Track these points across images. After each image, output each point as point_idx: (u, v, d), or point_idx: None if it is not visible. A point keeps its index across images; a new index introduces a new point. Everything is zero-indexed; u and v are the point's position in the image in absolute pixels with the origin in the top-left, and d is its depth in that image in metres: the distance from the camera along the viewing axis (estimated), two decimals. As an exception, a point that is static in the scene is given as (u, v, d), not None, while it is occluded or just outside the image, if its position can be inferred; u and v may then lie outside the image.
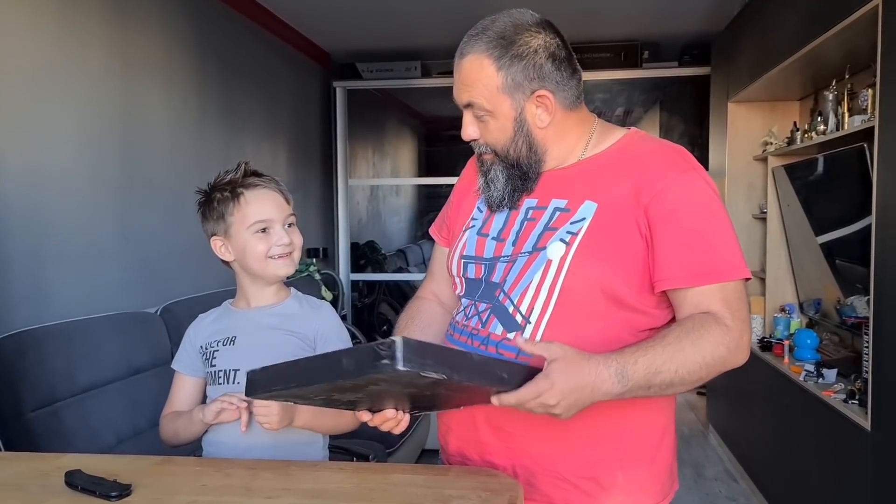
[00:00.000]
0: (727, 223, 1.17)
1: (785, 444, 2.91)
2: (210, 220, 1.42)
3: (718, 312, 1.12)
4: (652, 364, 1.06)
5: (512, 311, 1.19)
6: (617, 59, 4.77)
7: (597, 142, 1.26)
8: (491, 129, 1.21)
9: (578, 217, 1.18)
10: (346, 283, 5.03)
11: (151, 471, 1.09)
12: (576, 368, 1.02)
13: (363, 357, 0.88)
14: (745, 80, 3.45)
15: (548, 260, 1.17)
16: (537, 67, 1.17)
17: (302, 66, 4.68)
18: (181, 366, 1.48)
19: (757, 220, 3.75)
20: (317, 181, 4.95)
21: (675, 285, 1.14)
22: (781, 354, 3.00)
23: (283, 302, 1.46)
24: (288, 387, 0.99)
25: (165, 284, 2.94)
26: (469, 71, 1.18)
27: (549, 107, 1.20)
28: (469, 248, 1.30)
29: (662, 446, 1.27)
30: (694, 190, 1.15)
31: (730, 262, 1.14)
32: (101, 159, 2.62)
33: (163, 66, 3.03)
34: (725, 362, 1.12)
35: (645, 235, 1.14)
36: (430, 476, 1.04)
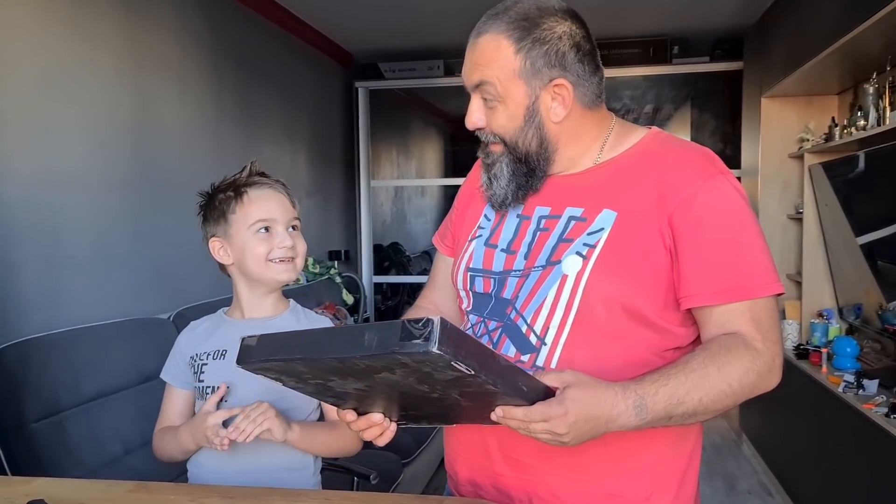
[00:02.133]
0: (758, 233, 1.06)
1: (823, 457, 2.76)
2: (210, 220, 1.35)
3: (747, 334, 1.02)
4: (674, 395, 0.96)
5: (525, 330, 1.09)
6: (645, 55, 4.63)
7: (614, 143, 1.15)
8: (499, 116, 1.11)
9: (596, 227, 1.08)
10: (369, 285, 4.96)
11: (123, 499, 1.01)
12: (592, 397, 0.92)
13: (391, 333, 0.78)
14: (779, 74, 3.30)
15: (563, 275, 1.07)
16: (560, 55, 1.07)
17: (323, 67, 4.62)
18: (170, 377, 1.41)
19: (792, 221, 3.59)
20: (339, 183, 4.89)
21: (702, 302, 1.03)
22: (819, 363, 2.85)
23: (279, 315, 1.37)
24: (290, 358, 0.89)
25: (179, 289, 2.89)
26: (485, 50, 1.09)
27: (566, 99, 1.09)
28: (476, 259, 1.20)
29: (688, 473, 1.16)
30: (722, 197, 1.05)
31: (760, 278, 1.03)
32: (113, 162, 2.58)
33: (176, 68, 2.98)
34: (755, 389, 1.02)
35: (669, 247, 1.04)
36: (430, 506, 0.95)
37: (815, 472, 2.87)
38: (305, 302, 4.13)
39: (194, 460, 1.30)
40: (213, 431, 1.19)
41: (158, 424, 1.39)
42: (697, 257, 1.03)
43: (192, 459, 1.31)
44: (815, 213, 3.29)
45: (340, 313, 3.98)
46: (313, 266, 4.17)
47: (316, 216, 4.51)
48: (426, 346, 0.76)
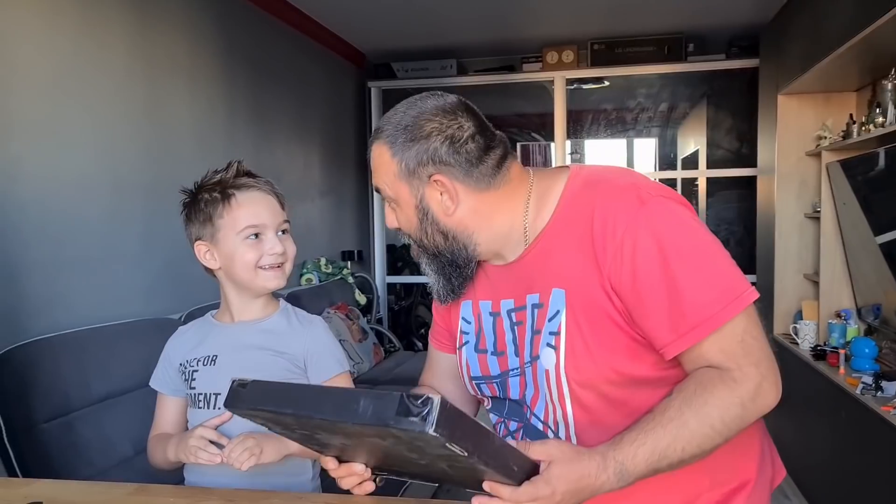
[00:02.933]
0: (700, 254, 1.01)
1: (840, 460, 2.71)
2: (195, 222, 1.31)
3: (721, 365, 0.98)
4: (654, 452, 0.94)
5: (542, 427, 1.11)
6: (660, 53, 4.58)
7: (538, 208, 1.12)
8: (400, 218, 1.15)
9: (552, 311, 1.07)
10: (382, 285, 4.95)
11: (122, 501, 1.00)
12: (576, 472, 0.92)
13: (388, 405, 0.77)
14: (795, 71, 3.24)
15: (545, 370, 1.07)
16: (431, 152, 1.07)
17: (335, 67, 4.61)
18: (160, 385, 1.39)
19: (809, 220, 3.53)
20: (351, 183, 4.89)
21: (677, 350, 1.00)
22: (836, 364, 2.80)
23: (269, 317, 1.35)
24: (279, 412, 0.88)
25: (190, 290, 2.89)
26: (374, 158, 1.13)
27: (450, 191, 1.09)
28: (473, 368, 1.21)
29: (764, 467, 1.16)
30: (647, 237, 1.00)
31: (713, 304, 0.98)
32: (124, 163, 2.58)
33: (188, 68, 2.99)
34: (743, 420, 0.98)
35: (620, 309, 1.02)
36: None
37: (832, 475, 2.81)
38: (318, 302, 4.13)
39: (190, 467, 1.29)
40: (200, 444, 1.18)
41: (152, 432, 1.38)
42: (647, 311, 1.00)
43: (187, 466, 1.29)
44: (832, 212, 3.23)
45: (353, 314, 3.98)
46: (326, 266, 4.16)
47: (329, 216, 4.51)
48: (423, 426, 0.75)
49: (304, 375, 1.32)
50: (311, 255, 4.14)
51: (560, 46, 4.65)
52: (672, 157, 6.07)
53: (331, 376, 1.32)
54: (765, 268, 3.83)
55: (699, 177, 5.24)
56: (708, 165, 5.13)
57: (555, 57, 4.66)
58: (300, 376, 1.31)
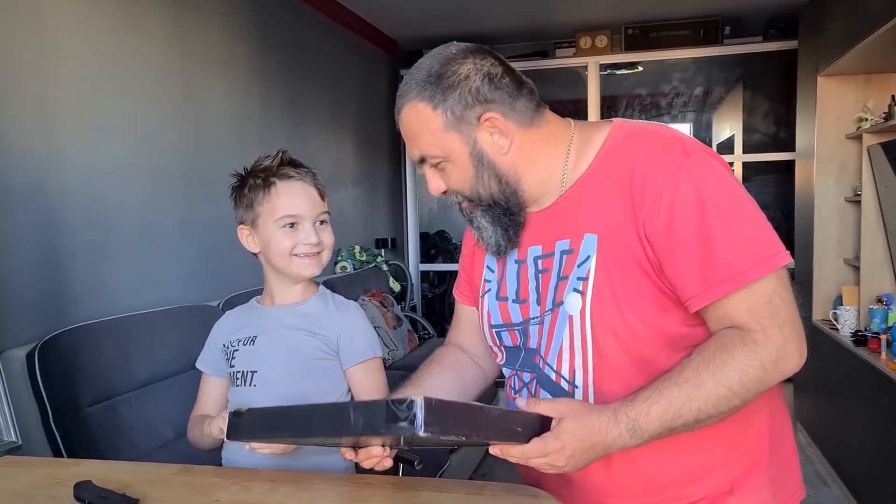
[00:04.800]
0: (738, 210, 1.00)
1: (882, 447, 2.66)
2: (240, 206, 1.36)
3: (745, 326, 0.97)
4: (668, 410, 0.94)
5: (555, 377, 1.09)
6: (696, 37, 4.50)
7: (577, 157, 1.12)
8: (452, 175, 1.10)
9: (582, 257, 1.06)
10: (416, 273, 4.98)
11: (167, 482, 1.03)
12: (587, 427, 0.92)
13: (376, 414, 0.80)
14: (835, 52, 3.17)
15: (569, 316, 1.06)
16: (474, 92, 1.05)
17: (367, 55, 4.63)
18: (204, 365, 1.44)
19: (850, 204, 3.46)
20: (385, 171, 4.91)
21: (704, 302, 0.99)
22: (878, 350, 2.74)
23: (308, 300, 1.38)
24: (279, 435, 0.92)
25: (227, 278, 2.94)
26: (409, 123, 1.09)
27: (502, 129, 1.07)
28: (495, 316, 1.20)
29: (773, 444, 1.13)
30: (687, 188, 0.99)
31: (745, 261, 0.97)
32: (162, 152, 2.63)
33: (224, 58, 3.02)
34: (762, 383, 0.97)
35: (651, 257, 1.01)
36: (462, 495, 0.94)
37: (873, 462, 2.77)
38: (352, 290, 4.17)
39: (228, 446, 1.32)
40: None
41: (194, 411, 1.43)
42: (678, 261, 1.00)
43: (226, 446, 1.33)
44: (874, 196, 3.16)
45: (387, 301, 4.01)
46: (360, 254, 4.20)
47: (362, 204, 4.54)
48: (412, 429, 0.78)
49: (336, 358, 1.34)
50: (345, 242, 4.17)
51: (593, 31, 4.60)
52: (707, 142, 5.97)
53: (363, 360, 1.35)
54: (803, 253, 3.76)
55: (735, 161, 5.16)
56: (744, 150, 5.05)
57: (588, 42, 4.62)
58: (332, 358, 1.34)
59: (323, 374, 1.33)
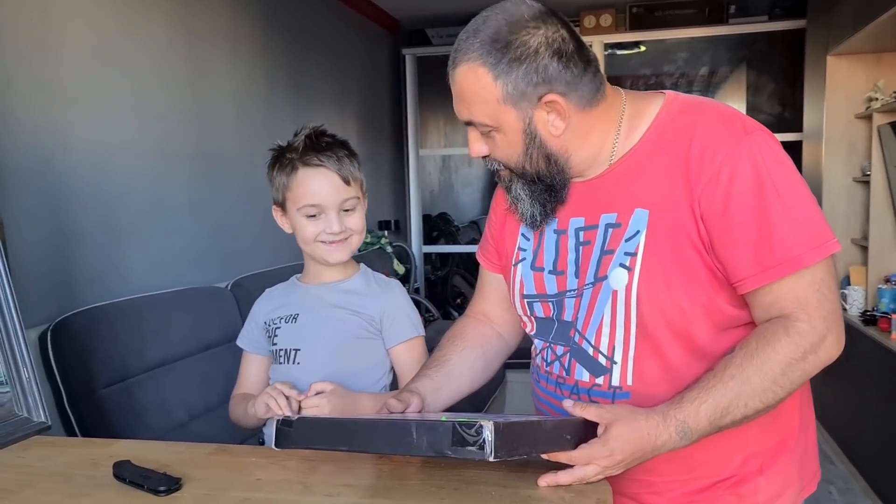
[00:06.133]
0: (794, 194, 0.98)
1: (890, 426, 2.68)
2: (272, 187, 1.35)
3: (791, 315, 0.97)
4: (716, 409, 0.94)
5: (593, 353, 1.07)
6: (701, 16, 4.47)
7: (629, 129, 1.07)
8: (500, 145, 1.05)
9: (631, 232, 1.03)
10: (419, 255, 4.96)
11: (205, 461, 1.02)
12: (635, 432, 0.92)
13: (441, 436, 0.79)
14: (847, 31, 3.15)
15: (613, 291, 1.03)
16: (542, 70, 0.99)
17: (370, 34, 4.58)
18: (245, 342, 1.43)
19: (858, 184, 3.46)
20: (387, 152, 4.88)
21: (755, 285, 0.98)
22: (888, 329, 2.75)
23: (349, 278, 1.38)
24: (332, 448, 0.92)
25: (237, 259, 2.92)
26: (464, 83, 1.02)
27: (561, 112, 1.02)
28: (528, 286, 1.16)
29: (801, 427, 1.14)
30: (747, 166, 0.97)
31: (801, 245, 0.96)
32: (169, 132, 2.60)
33: (228, 38, 2.98)
34: (805, 373, 0.97)
35: (703, 235, 0.99)
36: (506, 472, 0.93)
37: (880, 441, 2.78)
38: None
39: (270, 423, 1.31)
40: (273, 393, 1.20)
41: (235, 390, 1.42)
42: (733, 240, 0.98)
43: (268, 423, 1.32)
44: (883, 176, 3.16)
45: (392, 282, 3.99)
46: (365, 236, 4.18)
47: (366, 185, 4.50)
48: (482, 454, 0.77)
49: (379, 336, 1.33)
50: (348, 224, 4.15)
51: (598, 10, 4.55)
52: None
53: (406, 339, 1.35)
54: (810, 234, 3.76)
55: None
56: (748, 131, 5.02)
57: (592, 21, 4.58)
58: (375, 336, 1.33)
59: (366, 353, 1.32)
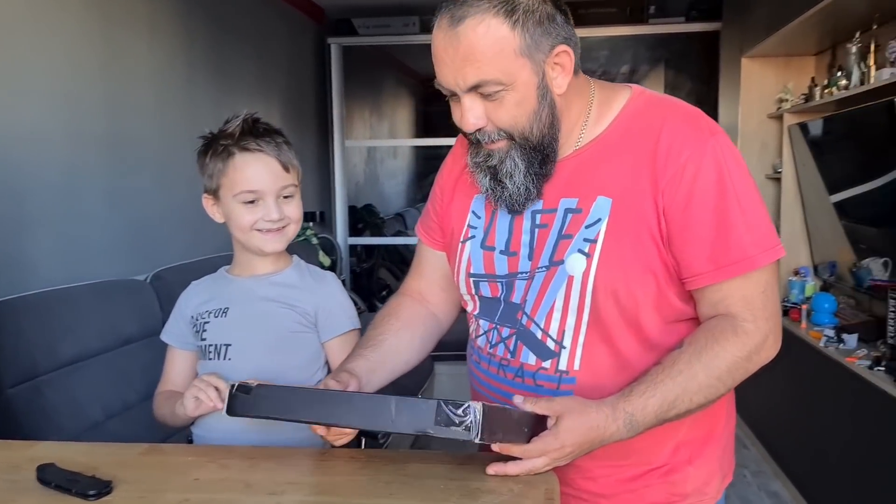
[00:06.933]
0: (751, 198, 1.01)
1: (801, 410, 2.82)
2: (203, 175, 1.28)
3: (738, 315, 1.00)
4: (663, 403, 0.96)
5: (541, 336, 1.06)
6: (622, 15, 4.59)
7: (598, 114, 1.07)
8: (507, 107, 0.99)
9: (592, 219, 1.03)
10: (344, 247, 4.90)
11: (136, 462, 0.96)
12: (585, 424, 0.93)
13: (423, 414, 0.77)
14: (760, 34, 3.28)
15: (569, 276, 1.03)
16: (550, 19, 0.97)
17: (294, 22, 4.48)
18: (170, 337, 1.36)
19: (770, 181, 3.62)
20: (312, 143, 4.78)
21: (707, 282, 1.00)
22: (798, 319, 2.90)
23: (282, 271, 1.32)
24: (291, 418, 0.88)
25: (156, 250, 2.81)
26: (475, 38, 0.94)
27: (567, 67, 1.00)
28: (476, 264, 1.13)
29: (727, 422, 1.18)
30: (711, 166, 0.99)
31: (755, 247, 0.99)
32: (82, 118, 2.46)
33: (146, 21, 2.85)
34: (747, 371, 1.01)
35: (662, 229, 1.00)
36: (453, 466, 0.92)
37: (792, 425, 2.93)
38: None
39: (199, 424, 1.26)
40: (201, 385, 1.16)
41: (160, 387, 1.35)
42: (691, 236, 1.00)
43: (197, 423, 1.26)
44: (793, 173, 3.32)
45: (317, 275, 3.92)
46: (288, 227, 4.09)
47: (291, 177, 4.41)
48: (467, 435, 0.76)
49: (314, 330, 1.30)
50: (272, 215, 4.05)
51: (523, 6, 4.59)
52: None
53: (342, 332, 1.31)
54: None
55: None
56: (665, 128, 5.18)
57: (518, 16, 4.60)
58: (310, 330, 1.29)
59: (300, 347, 1.28)
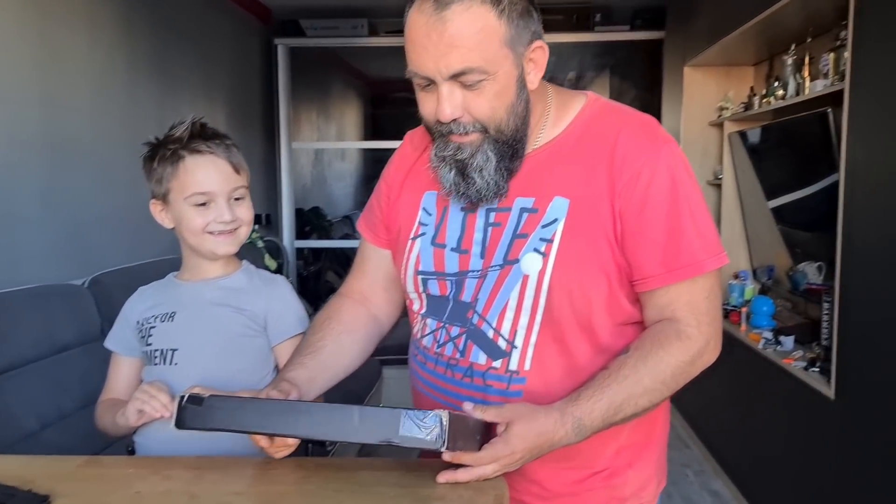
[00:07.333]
0: (699, 205, 1.05)
1: (740, 410, 2.90)
2: (151, 180, 1.26)
3: (682, 320, 1.03)
4: (610, 407, 0.97)
5: (492, 335, 1.06)
6: (569, 22, 4.65)
7: (556, 117, 1.09)
8: (487, 97, 0.97)
9: (549, 219, 1.03)
10: (291, 250, 4.83)
11: (75, 475, 0.93)
12: (534, 430, 0.93)
13: (389, 425, 0.76)
14: (702, 44, 3.37)
15: (524, 275, 1.03)
16: (528, 13, 0.98)
17: (240, 22, 4.40)
18: (114, 343, 1.32)
19: (711, 187, 3.72)
20: (258, 144, 4.71)
21: (657, 284, 1.03)
22: (738, 322, 2.98)
23: (231, 275, 1.31)
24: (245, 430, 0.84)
25: (94, 254, 2.72)
26: (461, 24, 0.92)
27: (540, 63, 1.01)
28: (425, 262, 1.12)
29: (661, 433, 1.21)
30: (665, 173, 1.02)
31: (704, 252, 1.02)
32: (16, 117, 2.37)
33: (85, 18, 2.76)
34: (689, 375, 1.04)
35: (617, 231, 1.02)
36: (403, 473, 0.92)
37: (732, 424, 3.02)
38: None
39: (142, 434, 1.22)
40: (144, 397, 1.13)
41: (103, 395, 1.31)
42: (644, 239, 1.02)
43: (139, 433, 1.23)
44: (733, 179, 3.42)
45: (263, 279, 3.86)
46: (233, 230, 4.01)
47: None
48: (435, 444, 0.75)
49: (263, 334, 1.28)
50: (217, 218, 3.97)
51: (472, 11, 4.61)
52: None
53: (292, 335, 1.29)
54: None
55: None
56: (611, 134, 5.28)
57: (466, 21, 4.63)
58: (259, 334, 1.27)
59: (248, 352, 1.26)
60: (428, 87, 1.00)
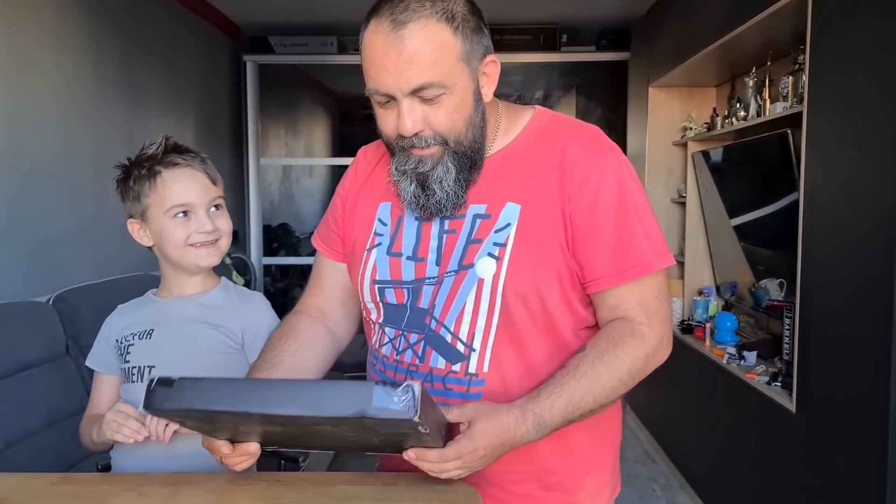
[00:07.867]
0: (646, 208, 1.09)
1: (706, 425, 2.95)
2: (127, 200, 1.27)
3: (635, 319, 1.07)
4: (569, 404, 1.00)
5: (451, 339, 1.08)
6: (536, 42, 4.72)
7: (505, 128, 1.13)
8: (447, 110, 1.01)
9: (502, 223, 1.07)
10: (259, 267, 4.80)
11: (49, 493, 0.92)
12: (497, 427, 0.95)
13: (363, 396, 0.74)
14: (666, 66, 3.46)
15: (479, 279, 1.06)
16: (480, 29, 1.03)
17: (209, 38, 4.39)
18: (95, 362, 1.32)
19: (676, 205, 3.80)
20: (227, 160, 4.69)
21: (608, 285, 1.07)
22: (702, 337, 3.04)
23: (209, 291, 1.31)
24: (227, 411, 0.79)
25: (59, 271, 2.68)
26: (420, 40, 0.96)
27: (493, 76, 1.06)
28: (381, 271, 1.14)
29: (615, 441, 1.24)
30: (612, 177, 1.07)
31: (652, 252, 1.07)
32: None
33: (52, 33, 2.74)
34: (644, 372, 1.08)
35: (568, 234, 1.06)
36: (377, 486, 0.93)
37: (697, 439, 3.06)
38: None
39: (119, 451, 1.22)
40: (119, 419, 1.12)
41: (88, 411, 1.31)
42: (595, 241, 1.06)
43: (116, 450, 1.22)
44: (697, 198, 3.49)
45: (231, 296, 3.83)
46: (201, 247, 3.98)
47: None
48: (407, 413, 0.74)
49: (241, 351, 1.28)
50: (184, 235, 3.93)
51: (440, 30, 4.66)
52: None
53: None
54: (633, 250, 4.06)
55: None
56: (577, 152, 5.35)
57: (435, 40, 4.67)
58: (236, 352, 1.27)
59: (226, 369, 1.25)
60: (387, 103, 1.03)
